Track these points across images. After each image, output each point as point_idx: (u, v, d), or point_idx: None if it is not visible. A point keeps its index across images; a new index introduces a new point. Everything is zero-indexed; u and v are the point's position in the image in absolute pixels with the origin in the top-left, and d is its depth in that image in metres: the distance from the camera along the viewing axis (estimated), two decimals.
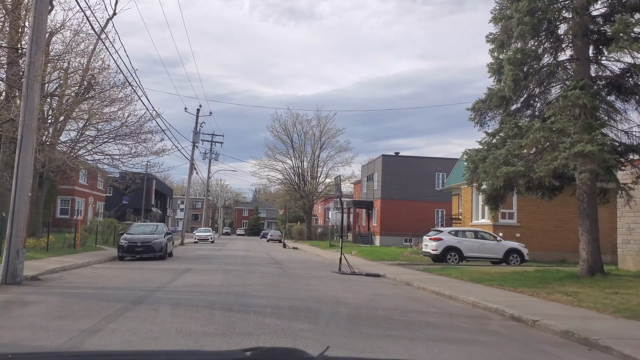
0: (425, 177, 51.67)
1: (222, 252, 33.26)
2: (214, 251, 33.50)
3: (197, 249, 36.15)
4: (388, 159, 52.33)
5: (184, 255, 28.10)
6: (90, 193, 51.23)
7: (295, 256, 31.52)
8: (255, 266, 20.56)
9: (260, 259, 26.12)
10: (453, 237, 25.73)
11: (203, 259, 24.26)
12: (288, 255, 32.65)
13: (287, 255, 31.48)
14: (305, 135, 62.80)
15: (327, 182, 63.87)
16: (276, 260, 25.47)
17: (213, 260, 23.36)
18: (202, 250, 34.11)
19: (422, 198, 51.54)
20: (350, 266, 19.45)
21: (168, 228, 31.03)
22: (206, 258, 25.16)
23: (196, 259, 24.75)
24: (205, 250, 34.25)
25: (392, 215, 50.99)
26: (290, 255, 32.69)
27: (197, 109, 44.91)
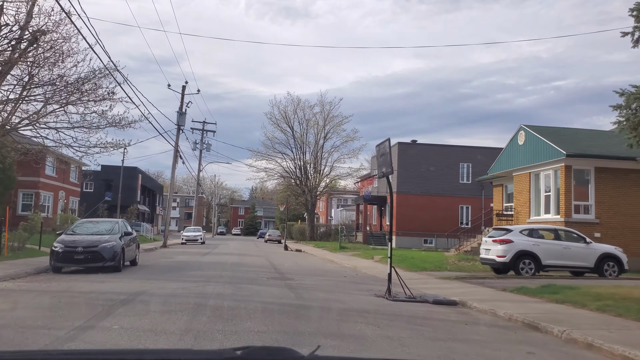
0: (447, 168, 44.32)
1: (209, 257, 25.72)
2: (199, 256, 25.97)
3: (179, 253, 28.64)
4: (405, 148, 44.91)
5: (155, 263, 20.58)
6: (61, 187, 43.57)
7: (304, 263, 24.00)
8: (251, 284, 13.03)
9: (258, 269, 18.59)
10: (527, 238, 18.27)
11: (177, 271, 16.73)
12: (293, 261, 25.14)
13: (292, 262, 23.97)
14: (307, 124, 55.35)
15: (332, 175, 56.38)
16: (280, 271, 17.97)
17: (190, 273, 15.81)
18: (185, 255, 26.58)
19: (444, 192, 44.18)
20: (405, 286, 11.99)
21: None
22: (182, 269, 17.62)
23: (167, 270, 17.22)
24: (188, 255, 26.72)
25: (410, 212, 43.59)
26: (297, 261, 25.16)
27: (183, 85, 37.42)
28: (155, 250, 31.10)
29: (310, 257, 29.71)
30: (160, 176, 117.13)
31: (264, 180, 55.78)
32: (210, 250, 32.46)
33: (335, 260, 26.06)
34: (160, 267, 18.41)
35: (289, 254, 33.30)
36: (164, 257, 24.30)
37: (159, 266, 18.72)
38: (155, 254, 27.69)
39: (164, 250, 31.57)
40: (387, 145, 11.16)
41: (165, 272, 16.17)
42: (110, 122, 19.88)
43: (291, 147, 55.62)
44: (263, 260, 24.67)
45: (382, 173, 11.59)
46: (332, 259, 27.36)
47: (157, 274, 15.68)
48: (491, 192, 45.90)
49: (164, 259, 23.36)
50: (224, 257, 25.85)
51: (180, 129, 36.93)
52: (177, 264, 19.80)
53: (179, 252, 29.39)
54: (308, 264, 23.64)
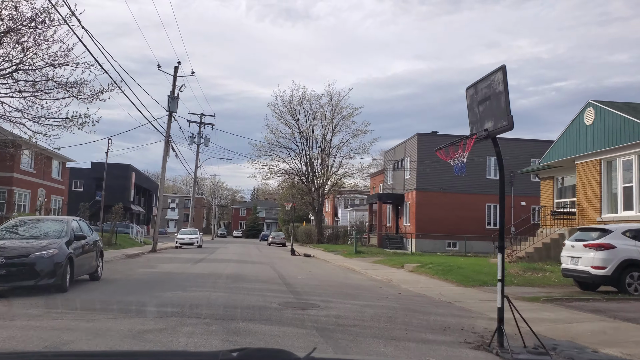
0: (472, 162, 39.15)
1: (202, 265, 20.61)
2: (189, 264, 20.86)
3: (167, 260, 23.56)
4: (425, 140, 39.76)
5: (128, 275, 15.46)
6: (40, 184, 38.50)
7: (320, 274, 18.83)
8: (255, 322, 7.82)
9: (264, 286, 13.44)
10: (633, 242, 13.17)
11: (147, 291, 11.59)
12: (306, 270, 20.01)
13: (306, 272, 18.83)
14: (314, 116, 50.25)
15: (341, 172, 51.24)
16: (294, 289, 12.84)
17: (164, 296, 10.63)
18: (173, 263, 21.49)
19: (469, 189, 39.05)
20: (539, 339, 6.79)
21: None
22: (158, 287, 12.46)
23: (135, 289, 12.07)
24: (177, 263, 21.64)
25: (431, 211, 38.47)
26: (311, 270, 19.99)
27: (175, 66, 32.34)
28: (140, 257, 26.02)
29: (324, 265, 24.57)
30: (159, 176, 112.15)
31: (266, 178, 50.74)
32: (206, 256, 27.35)
33: (356, 269, 20.92)
34: (130, 283, 13.28)
35: (297, 260, 28.17)
36: (145, 267, 19.19)
37: (128, 282, 13.60)
38: (136, 261, 22.59)
39: (151, 257, 26.47)
40: (500, 78, 6.07)
41: (129, 294, 11.04)
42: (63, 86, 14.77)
43: (296, 141, 50.59)
44: (268, 269, 19.55)
45: (485, 132, 6.51)
46: (352, 266, 22.21)
47: (115, 297, 10.56)
48: (523, 188, 40.90)
49: (144, 268, 18.23)
50: (220, 265, 20.72)
51: (172, 115, 31.86)
52: (156, 278, 14.68)
53: (168, 259, 24.29)
54: (325, 275, 18.48)
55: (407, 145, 41.59)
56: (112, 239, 31.82)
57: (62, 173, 43.48)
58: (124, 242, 35.16)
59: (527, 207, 39.72)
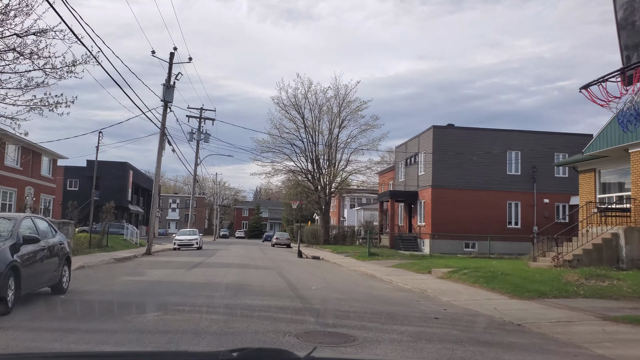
0: (492, 156, 36.25)
1: (198, 271, 17.71)
2: (184, 270, 17.96)
3: (159, 265, 20.68)
4: (441, 133, 36.83)
5: (105, 285, 12.54)
6: (28, 181, 35.64)
7: (337, 282, 15.87)
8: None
9: (272, 301, 10.49)
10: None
11: (119, 311, 8.64)
12: (319, 277, 17.07)
13: (319, 280, 15.89)
14: (320, 110, 47.33)
15: (349, 169, 48.30)
16: (311, 305, 9.91)
17: (136, 321, 7.65)
18: (165, 268, 18.59)
19: (488, 186, 36.12)
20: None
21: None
22: (138, 303, 9.54)
23: (106, 309, 9.09)
24: (170, 268, 18.76)
25: (447, 210, 35.53)
26: (325, 277, 17.01)
27: (171, 52, 29.45)
28: (131, 260, 23.14)
29: (337, 270, 21.62)
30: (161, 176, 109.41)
31: (270, 175, 47.73)
32: (205, 259, 24.47)
33: (377, 276, 17.98)
34: (102, 298, 10.36)
35: (306, 263, 25.24)
36: (131, 273, 16.30)
37: (101, 296, 10.69)
38: (124, 266, 19.70)
39: (143, 260, 23.58)
40: None
41: (91, 318, 8.10)
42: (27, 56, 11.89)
43: (301, 137, 47.66)
44: (275, 276, 16.63)
45: None
46: (370, 272, 19.26)
47: (70, 323, 7.64)
48: (545, 184, 37.89)
49: (129, 276, 15.34)
50: (220, 271, 17.80)
51: (168, 106, 28.96)
52: (138, 290, 11.77)
53: (161, 263, 21.40)
54: (344, 283, 15.54)
55: (420, 140, 38.65)
56: (102, 240, 28.94)
57: (53, 170, 40.62)
58: (117, 244, 32.29)
59: (551, 204, 36.77)
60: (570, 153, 36.61)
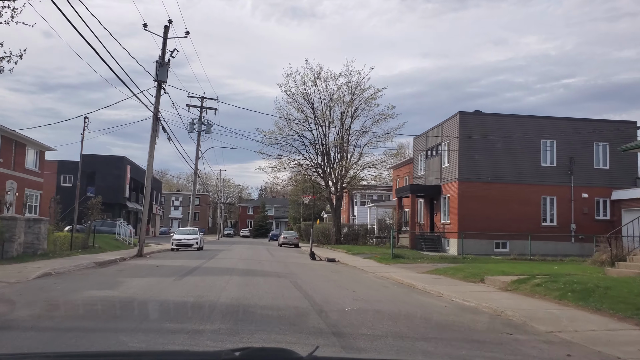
0: (524, 146, 32.25)
1: (189, 281, 13.80)
2: (172, 279, 14.07)
3: (147, 269, 16.85)
4: (468, 120, 32.83)
5: (52, 308, 8.66)
6: (10, 175, 31.85)
7: (376, 297, 11.85)
8: None
9: (293, 336, 6.58)
10: None
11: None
12: (349, 290, 13.12)
13: (351, 296, 11.89)
14: (330, 99, 43.37)
15: (361, 163, 44.33)
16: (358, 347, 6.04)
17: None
18: (149, 277, 14.74)
19: (520, 179, 32.15)
20: None
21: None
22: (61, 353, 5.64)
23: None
24: (154, 277, 14.90)
25: (476, 206, 31.59)
26: (356, 290, 12.97)
27: (165, 26, 25.59)
28: (115, 265, 19.30)
29: (363, 277, 17.66)
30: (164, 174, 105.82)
31: (277, 169, 43.77)
32: (203, 263, 20.61)
33: (417, 286, 14.04)
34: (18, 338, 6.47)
35: (322, 267, 21.33)
36: (101, 285, 12.44)
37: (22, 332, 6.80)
38: (101, 273, 15.83)
39: (130, 264, 19.73)
40: None
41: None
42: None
43: (311, 128, 43.71)
44: (289, 287, 12.72)
45: None
46: (406, 280, 15.30)
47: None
48: (584, 177, 33.81)
49: (96, 289, 11.47)
50: (219, 280, 13.89)
51: (162, 86, 25.10)
52: (91, 316, 7.92)
53: (148, 269, 17.56)
54: (383, 299, 11.57)
55: (444, 128, 34.66)
56: (88, 240, 25.13)
57: (41, 164, 36.85)
58: (107, 244, 28.50)
59: (590, 199, 32.71)
60: (611, 142, 32.63)
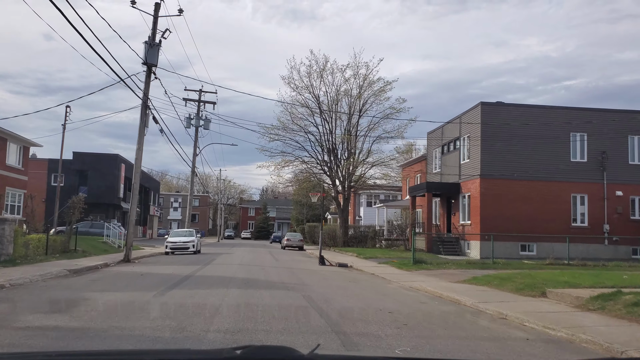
0: (552, 139, 29.25)
1: (173, 297, 10.76)
2: (151, 295, 11.04)
3: (124, 282, 13.85)
4: (490, 111, 29.79)
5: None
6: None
7: (420, 321, 8.77)
8: None
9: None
10: None
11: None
12: (381, 308, 10.07)
13: (390, 320, 8.85)
14: (337, 92, 40.43)
15: (370, 160, 41.35)
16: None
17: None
18: (125, 291, 11.73)
19: (548, 176, 29.13)
20: None
21: None
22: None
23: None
24: (131, 291, 11.89)
25: (499, 205, 28.57)
26: (390, 308, 9.88)
27: (156, 2, 22.65)
28: (93, 273, 16.30)
29: (389, 289, 14.61)
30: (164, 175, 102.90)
31: (280, 167, 40.81)
32: (197, 270, 17.62)
33: (465, 303, 11.02)
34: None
35: (336, 275, 18.30)
36: (56, 304, 9.46)
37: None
38: (68, 285, 12.80)
39: (111, 272, 16.73)
40: None
41: None
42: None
43: (316, 124, 40.78)
44: (302, 306, 9.70)
45: None
46: (446, 294, 12.26)
47: None
48: (618, 173, 30.79)
49: (40, 313, 8.48)
50: (212, 295, 10.87)
51: (152, 70, 22.14)
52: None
53: (130, 278, 14.59)
54: (433, 325, 8.55)
55: (463, 121, 31.66)
56: (68, 244, 22.14)
57: (24, 161, 33.91)
58: (93, 247, 25.53)
59: (625, 197, 29.67)
60: None
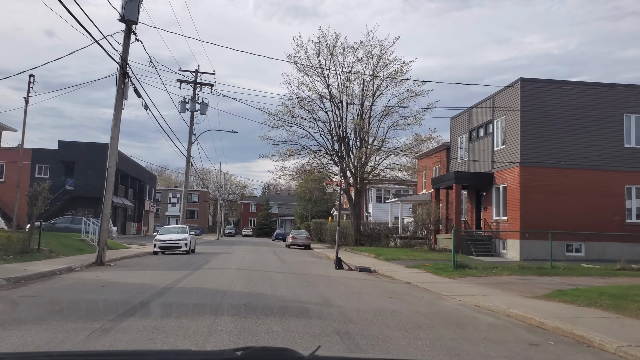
0: (603, 122, 25.04)
1: (120, 339, 6.61)
2: (79, 339, 6.90)
3: (76, 295, 9.66)
4: (531, 89, 25.48)
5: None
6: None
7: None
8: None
9: None
10: None
11: None
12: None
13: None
14: (348, 75, 36.19)
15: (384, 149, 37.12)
16: None
17: None
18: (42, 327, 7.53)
19: (597, 164, 24.90)
20: None
21: None
22: None
23: None
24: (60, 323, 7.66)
25: (542, 198, 24.37)
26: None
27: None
28: (40, 282, 12.12)
29: (448, 308, 10.36)
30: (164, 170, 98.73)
31: (284, 157, 36.65)
32: (182, 278, 13.45)
33: (589, 340, 6.84)
34: None
35: (363, 285, 14.06)
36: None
37: None
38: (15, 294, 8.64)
39: (68, 280, 12.55)
40: None
41: None
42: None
43: (325, 108, 36.60)
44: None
45: None
46: (549, 322, 8.03)
47: None
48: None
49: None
50: (189, 328, 6.67)
51: (131, 29, 17.91)
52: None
53: (87, 288, 10.45)
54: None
55: (496, 102, 27.41)
56: (30, 242, 17.95)
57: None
58: (65, 246, 21.40)
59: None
60: None
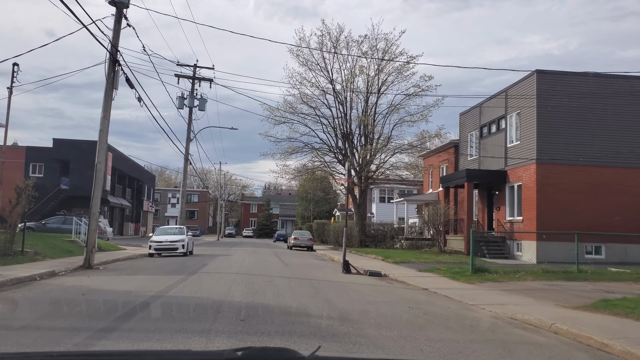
0: (624, 116, 23.64)
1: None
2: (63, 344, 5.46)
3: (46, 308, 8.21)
4: (548, 81, 24.05)
5: None
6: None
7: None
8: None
9: None
10: None
11: None
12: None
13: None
14: (352, 71, 34.77)
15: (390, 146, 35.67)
16: None
17: None
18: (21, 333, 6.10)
19: (618, 161, 23.49)
20: None
21: None
22: None
23: None
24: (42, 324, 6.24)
25: (559, 197, 22.94)
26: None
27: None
28: (24, 287, 10.68)
29: (479, 322, 8.94)
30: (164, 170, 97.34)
31: (286, 155, 35.24)
32: (174, 285, 12.02)
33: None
34: None
35: (378, 293, 12.61)
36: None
37: None
38: None
39: (45, 287, 11.10)
40: None
41: None
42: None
43: (329, 104, 35.21)
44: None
45: None
46: (617, 346, 6.69)
47: None
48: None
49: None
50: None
51: (122, 13, 16.48)
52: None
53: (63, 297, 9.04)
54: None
55: (509, 95, 25.98)
56: (11, 244, 16.52)
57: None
58: (53, 248, 19.97)
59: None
60: None
